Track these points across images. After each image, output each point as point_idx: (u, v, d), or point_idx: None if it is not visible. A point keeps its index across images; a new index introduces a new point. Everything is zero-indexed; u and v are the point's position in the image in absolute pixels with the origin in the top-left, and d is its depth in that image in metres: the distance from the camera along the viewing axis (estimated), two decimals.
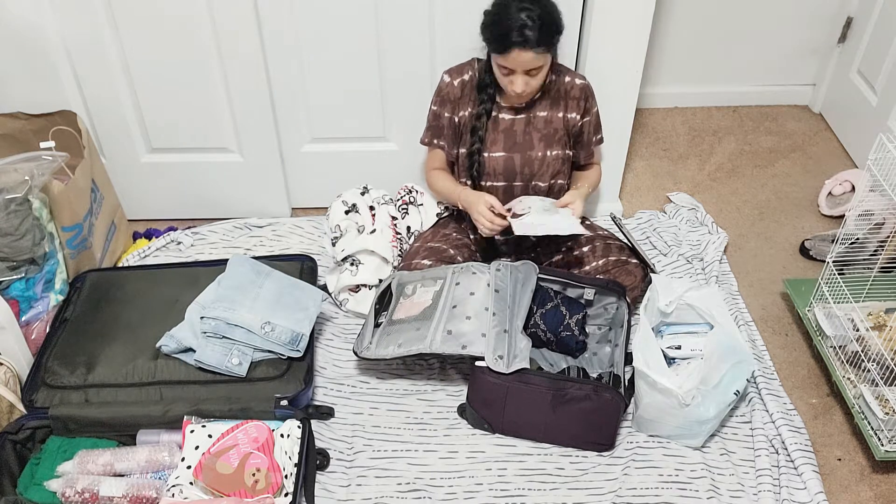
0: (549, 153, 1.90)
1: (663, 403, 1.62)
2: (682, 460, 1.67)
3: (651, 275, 1.90)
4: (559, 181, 1.95)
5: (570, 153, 1.95)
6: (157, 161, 2.21)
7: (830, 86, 2.77)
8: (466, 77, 1.89)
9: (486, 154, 1.90)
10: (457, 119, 1.91)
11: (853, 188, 2.32)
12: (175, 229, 2.25)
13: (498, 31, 1.69)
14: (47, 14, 1.91)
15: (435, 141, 1.98)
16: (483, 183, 1.93)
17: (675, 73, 2.79)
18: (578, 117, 1.91)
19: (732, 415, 1.77)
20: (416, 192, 2.15)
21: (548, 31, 1.68)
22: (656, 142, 2.70)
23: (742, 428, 1.74)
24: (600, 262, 1.93)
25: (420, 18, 1.97)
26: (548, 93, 1.89)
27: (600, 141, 2.01)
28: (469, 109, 1.90)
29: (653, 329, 1.77)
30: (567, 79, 1.89)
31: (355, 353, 1.76)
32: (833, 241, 1.93)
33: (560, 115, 1.90)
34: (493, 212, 1.82)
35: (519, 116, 1.89)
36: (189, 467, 1.48)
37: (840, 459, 1.71)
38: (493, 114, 1.89)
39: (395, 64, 2.06)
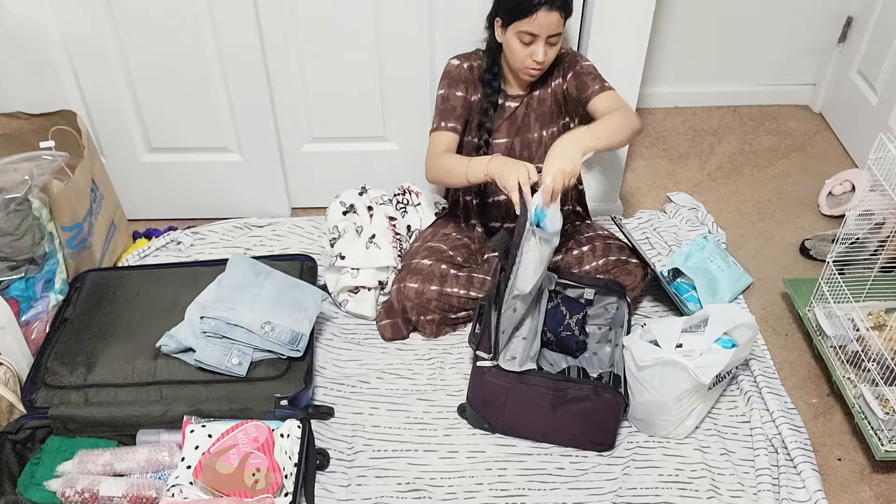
0: (544, 133, 1.92)
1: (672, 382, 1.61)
2: (682, 460, 1.67)
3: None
4: None
5: (565, 121, 1.95)
6: (157, 161, 2.21)
7: (830, 86, 2.77)
8: (475, 63, 1.89)
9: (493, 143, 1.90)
10: (472, 100, 1.88)
11: (853, 188, 2.31)
12: (175, 229, 2.25)
13: None
14: (47, 14, 1.91)
15: (443, 123, 1.84)
16: None
17: (675, 73, 2.79)
18: (562, 80, 1.90)
19: (733, 414, 1.77)
20: (412, 192, 2.14)
21: None
22: (656, 142, 2.70)
23: (742, 428, 1.74)
24: (600, 262, 1.93)
25: (420, 18, 1.97)
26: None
27: (605, 88, 1.83)
28: (477, 96, 1.90)
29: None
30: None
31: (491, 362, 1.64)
32: (833, 241, 1.93)
33: (549, 89, 1.91)
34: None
35: (520, 102, 1.91)
36: (189, 467, 1.48)
37: (840, 459, 1.70)
38: (500, 102, 1.90)
39: (395, 64, 2.05)
